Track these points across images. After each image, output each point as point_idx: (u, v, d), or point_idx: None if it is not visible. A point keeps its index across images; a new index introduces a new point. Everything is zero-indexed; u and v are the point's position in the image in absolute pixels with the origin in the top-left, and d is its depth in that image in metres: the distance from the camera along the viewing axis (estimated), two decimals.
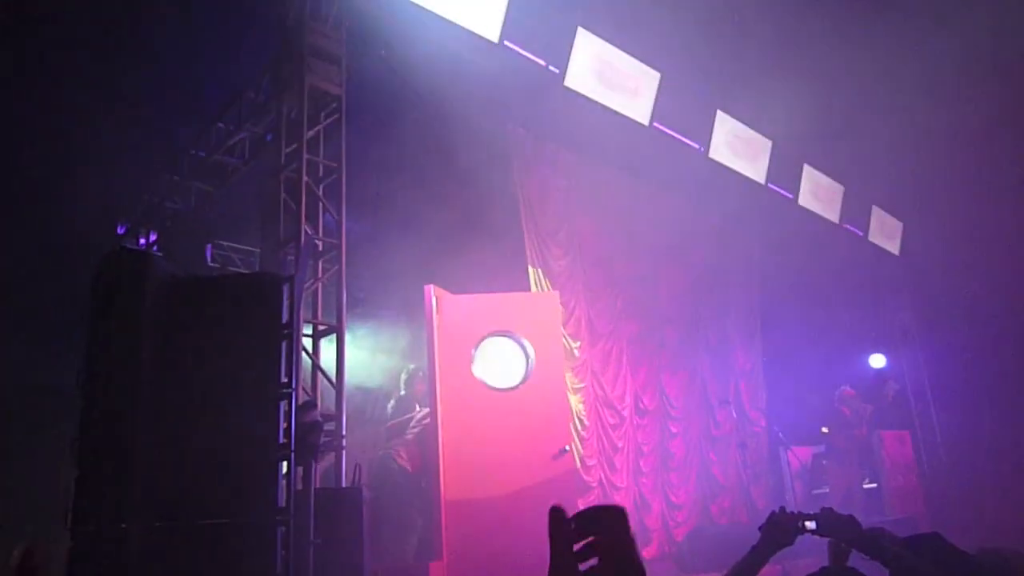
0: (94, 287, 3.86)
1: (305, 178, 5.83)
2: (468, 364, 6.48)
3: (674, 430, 9.57)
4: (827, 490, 9.73)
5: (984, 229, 10.70)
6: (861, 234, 11.77)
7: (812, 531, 2.48)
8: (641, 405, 9.19)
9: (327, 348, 6.02)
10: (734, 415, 10.04)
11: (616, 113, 8.14)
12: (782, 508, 2.59)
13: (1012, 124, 9.31)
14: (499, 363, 6.65)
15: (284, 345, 4.01)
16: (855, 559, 2.79)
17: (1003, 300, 10.32)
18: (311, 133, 6.04)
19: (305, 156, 5.88)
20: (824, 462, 9.98)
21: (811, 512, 2.51)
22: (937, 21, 8.02)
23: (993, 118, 8.88)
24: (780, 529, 2.50)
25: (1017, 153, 9.73)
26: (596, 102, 7.93)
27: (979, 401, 10.44)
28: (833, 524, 2.46)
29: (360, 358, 9.19)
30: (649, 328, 9.74)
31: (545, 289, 8.03)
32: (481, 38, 6.89)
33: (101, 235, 8.43)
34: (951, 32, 8.02)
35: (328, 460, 5.75)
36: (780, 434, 9.96)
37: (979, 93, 8.72)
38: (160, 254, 7.69)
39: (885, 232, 12.26)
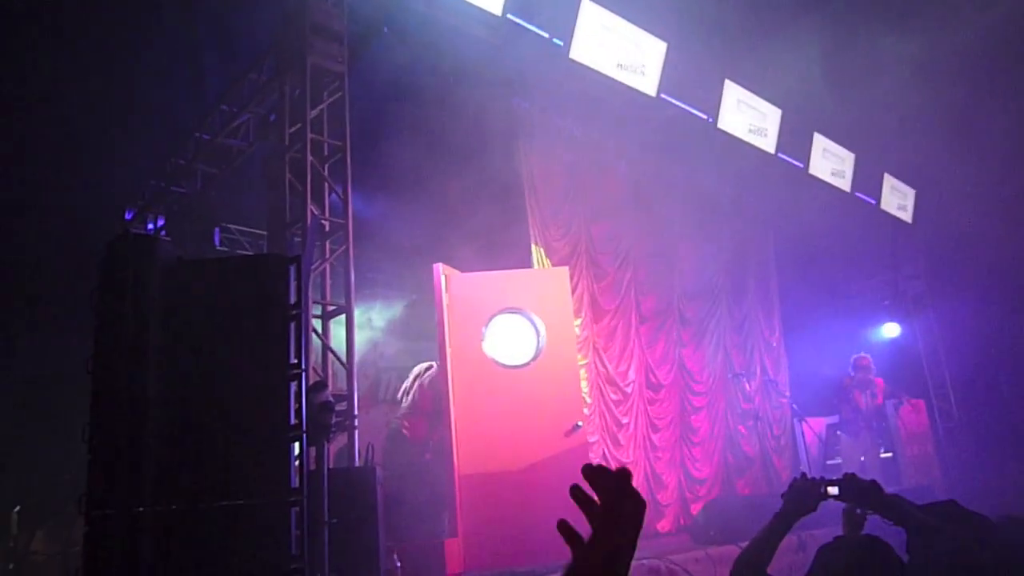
0: (100, 273, 3.84)
1: (310, 158, 5.79)
2: (479, 342, 6.46)
3: (697, 404, 9.56)
4: (840, 460, 9.71)
5: (996, 194, 10.54)
6: (874, 202, 11.63)
7: (835, 496, 2.47)
8: (653, 380, 9.15)
9: (338, 329, 6.01)
10: (747, 388, 10.02)
11: (622, 85, 8.03)
12: (803, 474, 2.57)
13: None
14: (510, 340, 6.62)
15: (292, 326, 3.99)
16: (871, 526, 2.76)
17: (1017, 265, 10.17)
18: (314, 112, 5.98)
19: (309, 135, 5.83)
20: (838, 433, 9.95)
21: (833, 478, 2.50)
22: None
23: (1003, 84, 8.72)
24: (803, 495, 2.49)
25: None
26: (602, 74, 7.81)
27: (994, 369, 10.34)
28: (855, 489, 2.45)
29: (372, 338, 9.19)
30: (667, 303, 9.70)
31: (547, 265, 7.98)
32: (484, 11, 6.79)
33: (109, 221, 8.43)
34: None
35: (342, 440, 5.76)
36: (794, 406, 9.94)
37: (992, 62, 8.56)
38: (168, 238, 7.69)
39: (897, 200, 12.11)
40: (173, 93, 7.36)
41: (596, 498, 0.96)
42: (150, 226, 8.67)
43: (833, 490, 2.46)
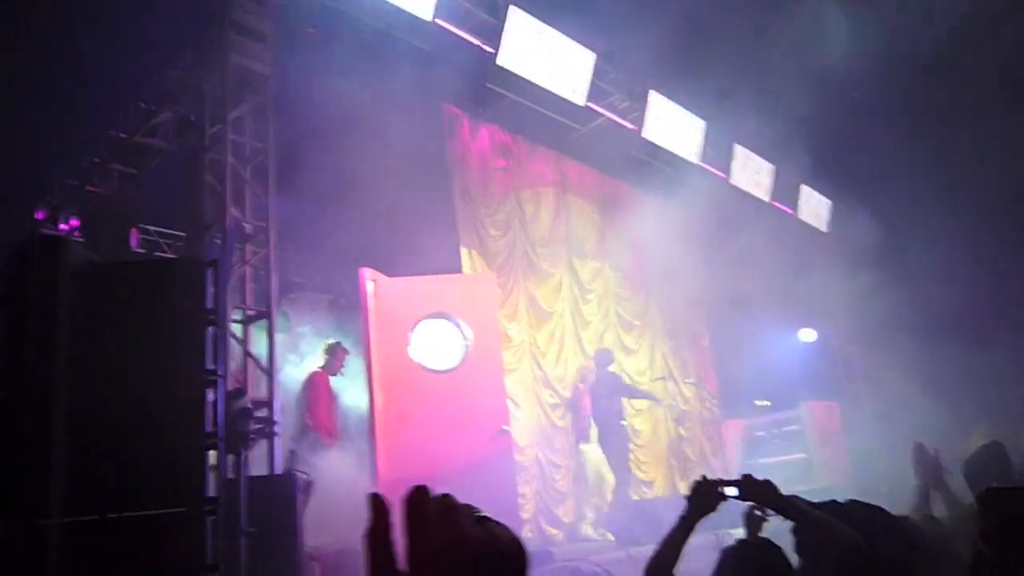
0: (5, 277, 3.69)
1: (230, 159, 5.68)
2: (405, 346, 6.44)
3: (638, 407, 9.67)
4: (762, 461, 10.01)
5: (913, 204, 11.05)
6: (791, 212, 12.07)
7: (734, 496, 2.55)
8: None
9: (260, 336, 5.90)
10: (674, 388, 10.24)
11: (551, 93, 8.13)
12: (704, 476, 2.66)
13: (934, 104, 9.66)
14: (436, 345, 6.63)
15: (210, 331, 3.91)
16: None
17: (932, 270, 10.69)
18: (236, 113, 5.87)
19: (230, 136, 5.72)
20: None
21: (731, 479, 2.59)
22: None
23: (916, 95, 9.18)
24: (703, 496, 2.57)
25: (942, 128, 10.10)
26: (530, 82, 7.89)
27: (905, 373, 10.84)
28: (753, 489, 2.54)
29: (294, 343, 9.03)
30: (604, 307, 9.85)
31: (480, 269, 8.01)
32: (413, 16, 6.78)
33: (18, 221, 8.06)
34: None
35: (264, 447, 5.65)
36: (715, 409, 10.23)
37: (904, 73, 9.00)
38: (81, 240, 7.40)
39: (814, 210, 12.60)
40: (87, 85, 7.08)
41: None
42: (63, 227, 8.32)
43: (731, 491, 2.54)
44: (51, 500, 3.46)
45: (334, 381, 7.21)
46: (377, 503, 0.72)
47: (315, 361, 7.57)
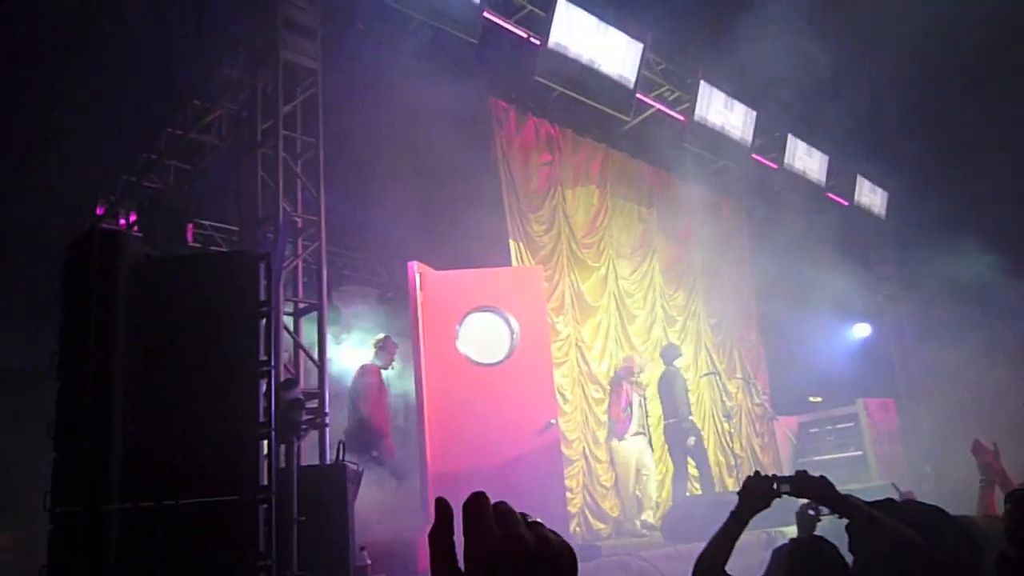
0: (66, 269, 3.80)
1: (282, 154, 5.76)
2: (453, 340, 6.46)
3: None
4: (813, 459, 9.81)
5: (968, 195, 10.70)
6: (846, 203, 11.78)
7: (787, 493, 2.51)
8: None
9: (310, 328, 5.98)
10: (720, 384, 10.10)
11: (599, 85, 8.06)
12: (757, 472, 2.62)
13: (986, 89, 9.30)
14: (484, 338, 6.63)
15: (262, 323, 3.97)
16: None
17: (986, 265, 10.33)
18: (287, 109, 5.95)
19: (282, 132, 5.80)
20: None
21: (785, 475, 2.54)
22: None
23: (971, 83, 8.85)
24: (756, 492, 2.53)
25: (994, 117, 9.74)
26: (579, 74, 7.84)
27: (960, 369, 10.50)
28: (807, 485, 2.49)
29: (346, 337, 9.15)
30: (650, 302, 9.77)
31: (527, 263, 8.00)
32: (461, 9, 6.78)
33: (80, 216, 8.32)
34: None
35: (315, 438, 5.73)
36: (767, 405, 10.05)
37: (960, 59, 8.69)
38: (138, 234, 7.60)
39: (870, 201, 12.27)
40: (143, 85, 7.25)
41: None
42: (122, 221, 8.56)
43: (785, 487, 2.50)
44: (110, 487, 3.56)
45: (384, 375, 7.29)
46: (441, 505, 0.78)
47: (365, 354, 7.66)
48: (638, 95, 8.48)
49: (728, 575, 2.56)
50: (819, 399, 11.56)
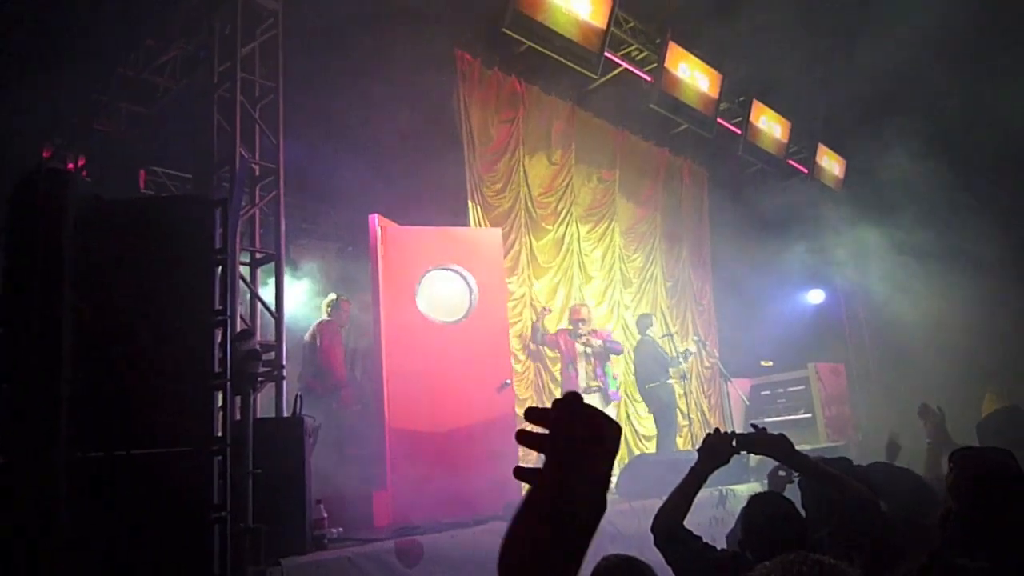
0: (10, 208, 3.62)
1: (240, 97, 5.56)
2: (412, 297, 6.39)
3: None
4: (766, 420, 10.03)
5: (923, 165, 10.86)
6: (806, 171, 11.88)
7: (746, 449, 2.56)
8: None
9: (267, 279, 5.86)
10: (674, 346, 10.22)
11: (567, 42, 7.92)
12: (716, 429, 2.65)
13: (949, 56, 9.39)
14: (443, 297, 6.58)
15: (218, 272, 3.85)
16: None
17: (937, 232, 10.55)
18: (246, 50, 5.73)
19: (240, 74, 5.60)
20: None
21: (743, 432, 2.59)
22: None
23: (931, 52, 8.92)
24: (716, 449, 2.57)
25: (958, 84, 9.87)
26: (547, 28, 7.68)
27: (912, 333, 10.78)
28: (766, 443, 2.54)
29: (306, 288, 9.02)
30: (608, 263, 9.78)
31: (482, 223, 7.94)
32: None
33: (23, 162, 7.94)
34: None
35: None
36: (720, 367, 10.20)
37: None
38: (87, 179, 7.32)
39: (828, 169, 12.41)
40: (93, 20, 6.89)
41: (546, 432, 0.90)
42: (70, 166, 8.23)
43: (744, 444, 2.55)
44: (59, 437, 3.45)
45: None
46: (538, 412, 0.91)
47: (320, 311, 7.55)
48: (606, 53, 8.36)
49: (686, 529, 2.60)
50: (770, 363, 11.79)
